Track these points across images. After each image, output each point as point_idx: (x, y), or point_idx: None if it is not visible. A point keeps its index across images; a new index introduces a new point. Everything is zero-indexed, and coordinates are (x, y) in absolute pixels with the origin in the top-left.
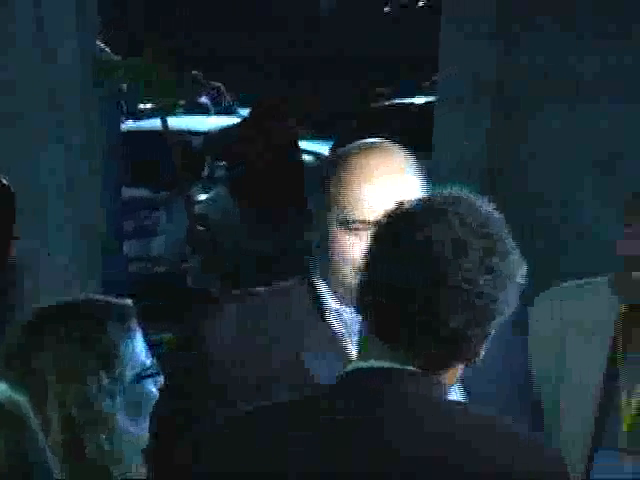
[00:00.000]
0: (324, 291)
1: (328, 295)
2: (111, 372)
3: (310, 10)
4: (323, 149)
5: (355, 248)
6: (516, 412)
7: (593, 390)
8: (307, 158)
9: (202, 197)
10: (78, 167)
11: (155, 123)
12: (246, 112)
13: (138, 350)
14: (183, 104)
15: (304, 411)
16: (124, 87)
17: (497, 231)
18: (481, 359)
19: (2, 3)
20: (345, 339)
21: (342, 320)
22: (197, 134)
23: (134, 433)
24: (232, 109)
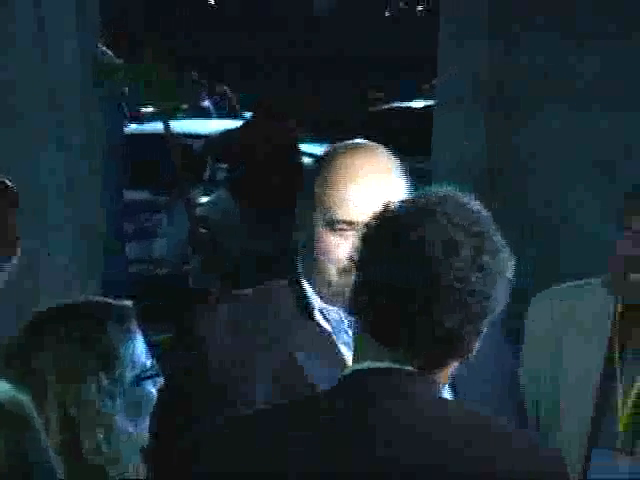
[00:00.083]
0: (309, 291)
1: (313, 295)
2: (111, 373)
3: (309, 10)
4: (321, 151)
5: (340, 248)
6: (501, 412)
7: (590, 390)
8: (305, 160)
9: (203, 199)
10: (78, 167)
11: (157, 126)
12: (249, 115)
13: (138, 351)
14: (186, 108)
15: (304, 412)
16: (126, 90)
17: (486, 229)
18: (472, 356)
19: (2, 3)
20: (333, 338)
21: (328, 319)
22: (199, 137)
23: (133, 433)
24: (236, 112)
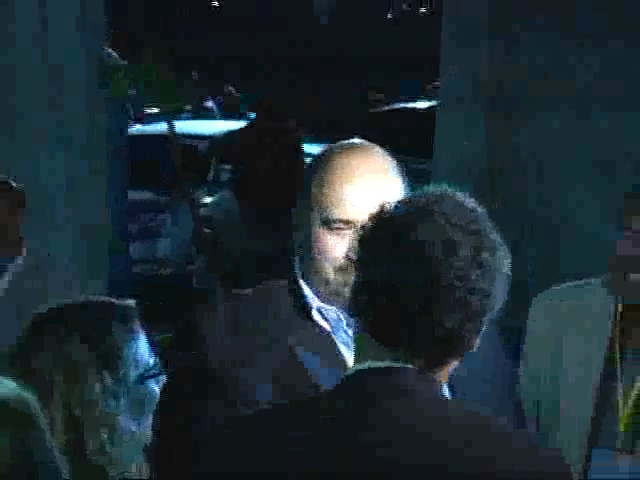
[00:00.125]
0: (307, 291)
1: (311, 294)
2: (115, 373)
3: (310, 11)
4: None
5: (337, 247)
6: (498, 412)
7: (590, 390)
8: (306, 160)
9: (207, 200)
10: (81, 167)
11: (160, 127)
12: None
13: (141, 350)
14: (189, 108)
15: (305, 412)
16: (131, 91)
17: (484, 227)
18: (472, 352)
19: (5, 3)
20: (332, 337)
21: (327, 319)
22: (203, 138)
23: (136, 432)
24: (240, 112)
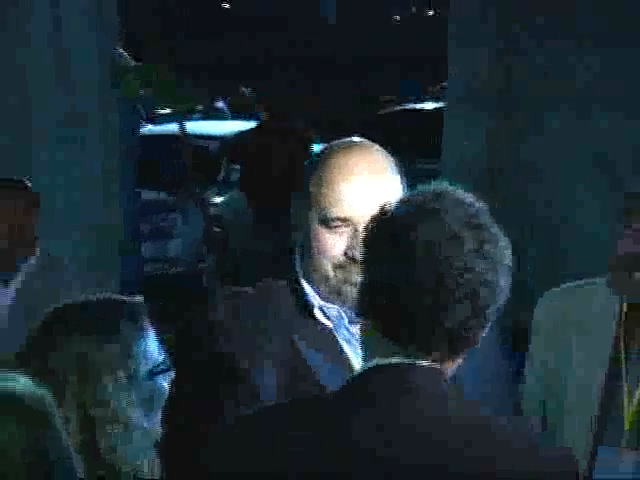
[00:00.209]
0: (308, 289)
1: (312, 293)
2: (126, 370)
3: (316, 12)
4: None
5: (336, 245)
6: (498, 412)
7: (595, 390)
8: None
9: (218, 200)
10: (93, 167)
11: (171, 127)
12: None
13: (151, 348)
14: (201, 109)
15: (307, 411)
16: (142, 92)
17: (485, 220)
18: (471, 352)
19: (19, 3)
20: (334, 334)
21: (328, 316)
22: (214, 138)
23: (147, 428)
24: (254, 113)
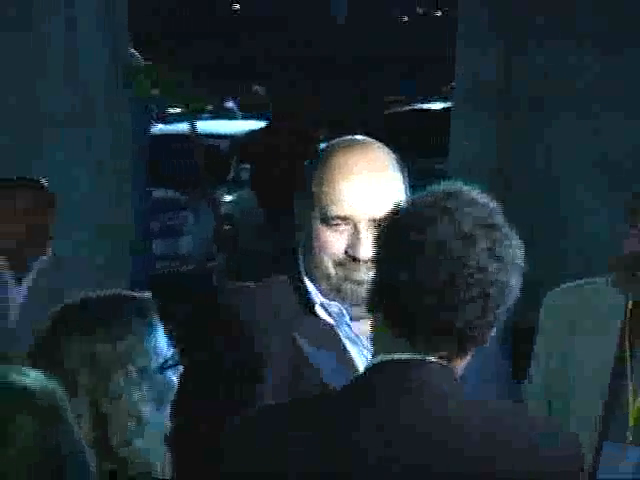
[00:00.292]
0: (311, 286)
1: (314, 290)
2: (137, 365)
3: (325, 13)
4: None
5: (336, 243)
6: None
7: (601, 388)
8: None
9: (228, 198)
10: (105, 167)
11: (181, 126)
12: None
13: (160, 343)
14: (211, 109)
15: (308, 411)
16: (154, 92)
17: (498, 220)
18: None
19: (32, 4)
20: (336, 331)
21: (330, 313)
22: (224, 137)
23: (158, 422)
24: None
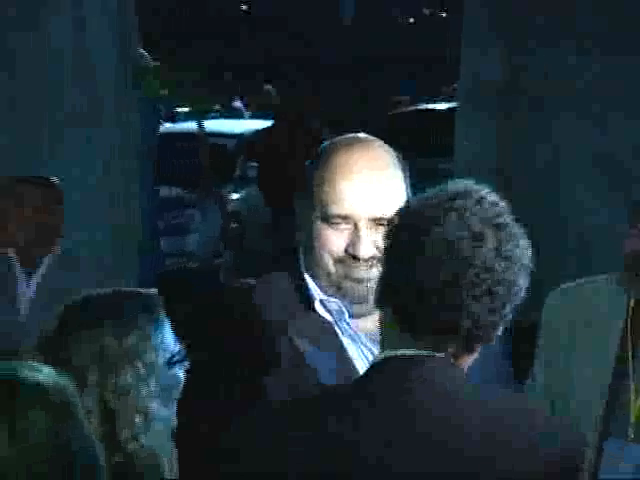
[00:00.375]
0: (311, 283)
1: (314, 287)
2: (145, 361)
3: (332, 15)
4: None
5: (336, 242)
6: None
7: (602, 388)
8: None
9: (235, 196)
10: (114, 167)
11: (188, 125)
12: None
13: (167, 339)
14: (218, 108)
15: (308, 411)
16: (162, 92)
17: (507, 219)
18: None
19: (42, 3)
20: (334, 328)
21: (329, 310)
22: (231, 136)
23: (166, 418)
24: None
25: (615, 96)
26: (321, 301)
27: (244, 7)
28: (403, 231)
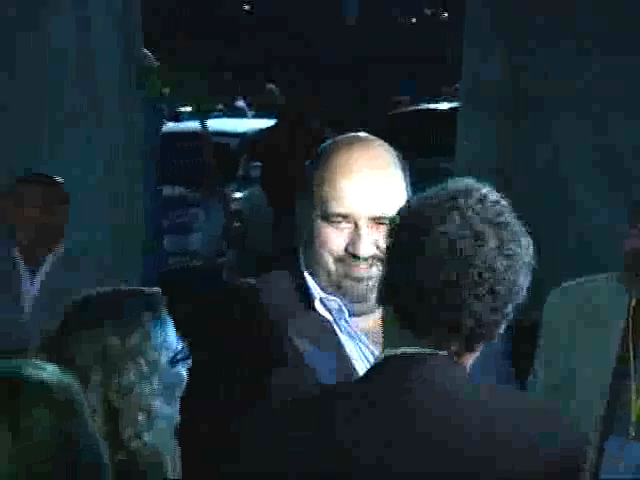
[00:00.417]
0: (311, 282)
1: (314, 285)
2: (148, 359)
3: (335, 15)
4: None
5: (336, 240)
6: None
7: (603, 388)
8: None
9: (238, 195)
10: (117, 167)
11: (191, 124)
12: None
13: (170, 337)
14: (221, 108)
15: (309, 411)
16: (166, 91)
17: (508, 218)
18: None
19: (46, 3)
20: (333, 326)
21: (329, 309)
22: (234, 135)
23: (169, 416)
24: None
25: (615, 96)
26: (321, 300)
27: (247, 7)
28: (404, 231)
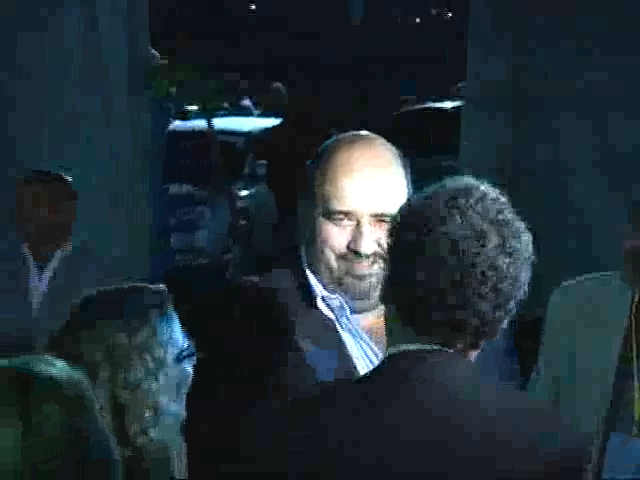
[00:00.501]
0: (313, 280)
1: (316, 283)
2: (154, 356)
3: (341, 15)
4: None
5: (338, 238)
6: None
7: (605, 387)
8: None
9: (244, 193)
10: (124, 166)
11: (197, 123)
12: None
13: (176, 334)
14: (227, 106)
15: (309, 411)
16: (173, 91)
17: (509, 215)
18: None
19: (54, 3)
20: (335, 324)
21: (331, 307)
22: (240, 134)
23: (175, 412)
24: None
25: (615, 96)
26: (323, 298)
27: (252, 7)
28: (405, 230)
